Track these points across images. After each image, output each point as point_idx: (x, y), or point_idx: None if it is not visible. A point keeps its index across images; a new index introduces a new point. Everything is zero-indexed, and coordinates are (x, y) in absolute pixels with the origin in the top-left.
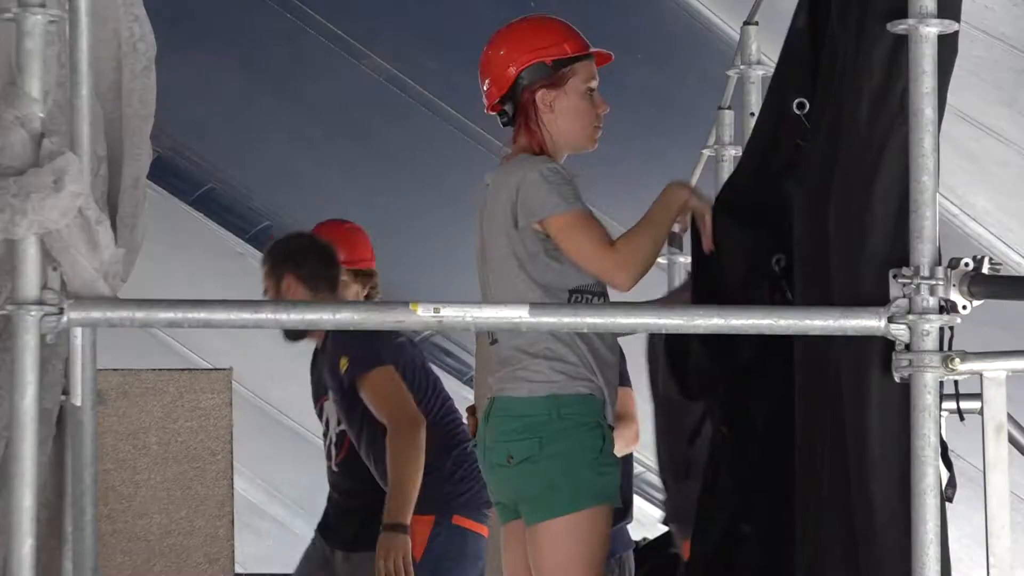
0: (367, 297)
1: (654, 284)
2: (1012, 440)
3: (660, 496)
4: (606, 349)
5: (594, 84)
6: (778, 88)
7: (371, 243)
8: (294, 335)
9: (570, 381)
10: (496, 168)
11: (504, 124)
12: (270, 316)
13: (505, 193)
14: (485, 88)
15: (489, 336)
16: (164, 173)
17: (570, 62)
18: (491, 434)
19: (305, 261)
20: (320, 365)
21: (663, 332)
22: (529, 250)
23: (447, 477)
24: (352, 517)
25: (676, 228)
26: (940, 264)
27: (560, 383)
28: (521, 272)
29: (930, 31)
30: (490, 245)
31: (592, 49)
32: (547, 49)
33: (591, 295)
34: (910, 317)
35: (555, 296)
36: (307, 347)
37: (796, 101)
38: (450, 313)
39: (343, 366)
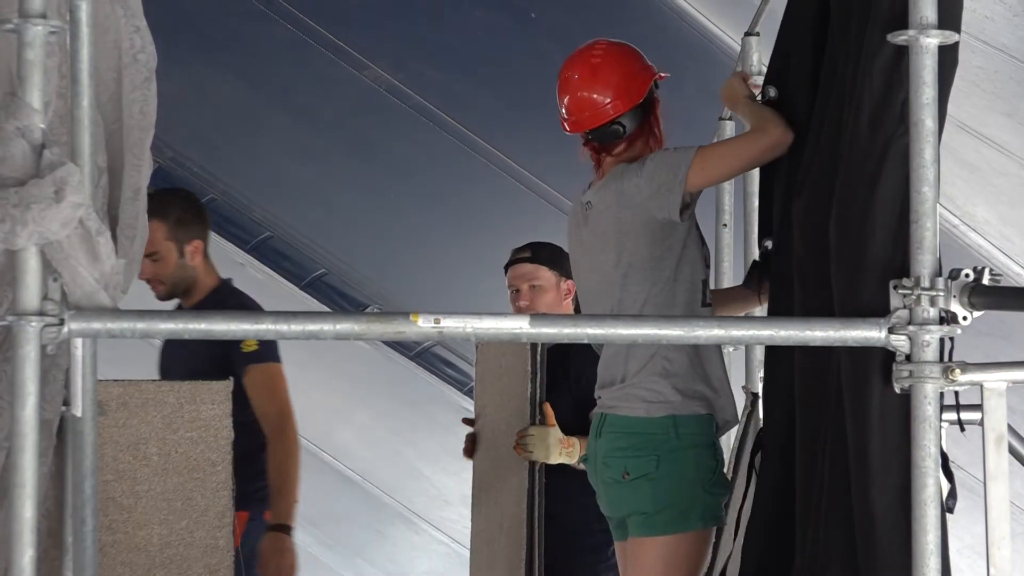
0: None
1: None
2: (1012, 451)
3: None
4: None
5: None
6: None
7: None
8: (168, 296)
9: (686, 401)
10: (593, 186)
11: (604, 142)
12: (270, 327)
13: (628, 198)
14: (607, 102)
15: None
16: (165, 184)
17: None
18: (603, 450)
19: (208, 235)
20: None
21: (667, 343)
22: (668, 245)
23: (260, 474)
24: None
25: None
26: (940, 275)
27: (676, 404)
28: (658, 271)
29: (930, 42)
30: (611, 256)
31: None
32: (652, 67)
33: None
34: (910, 328)
35: (691, 286)
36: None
37: (770, 90)
38: (451, 324)
39: (248, 346)
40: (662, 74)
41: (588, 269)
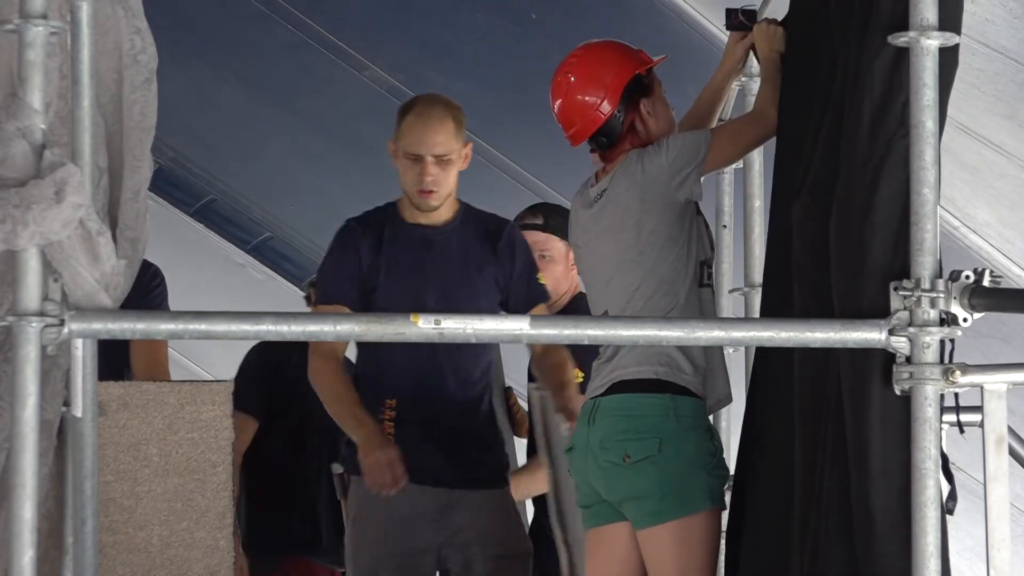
0: None
1: None
2: (1012, 452)
3: None
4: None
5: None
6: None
7: None
8: None
9: (679, 376)
10: (602, 178)
11: (599, 148)
12: (271, 328)
13: (652, 179)
14: (596, 103)
15: None
16: (165, 184)
17: (649, 71)
18: (598, 435)
19: None
20: None
21: (668, 344)
22: (677, 227)
23: None
24: None
25: None
26: (941, 276)
27: (672, 383)
28: (673, 249)
29: (931, 44)
30: (630, 235)
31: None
32: (632, 63)
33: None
34: (911, 329)
35: (697, 264)
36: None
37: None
38: (451, 325)
39: None
40: (655, 59)
41: (601, 257)
